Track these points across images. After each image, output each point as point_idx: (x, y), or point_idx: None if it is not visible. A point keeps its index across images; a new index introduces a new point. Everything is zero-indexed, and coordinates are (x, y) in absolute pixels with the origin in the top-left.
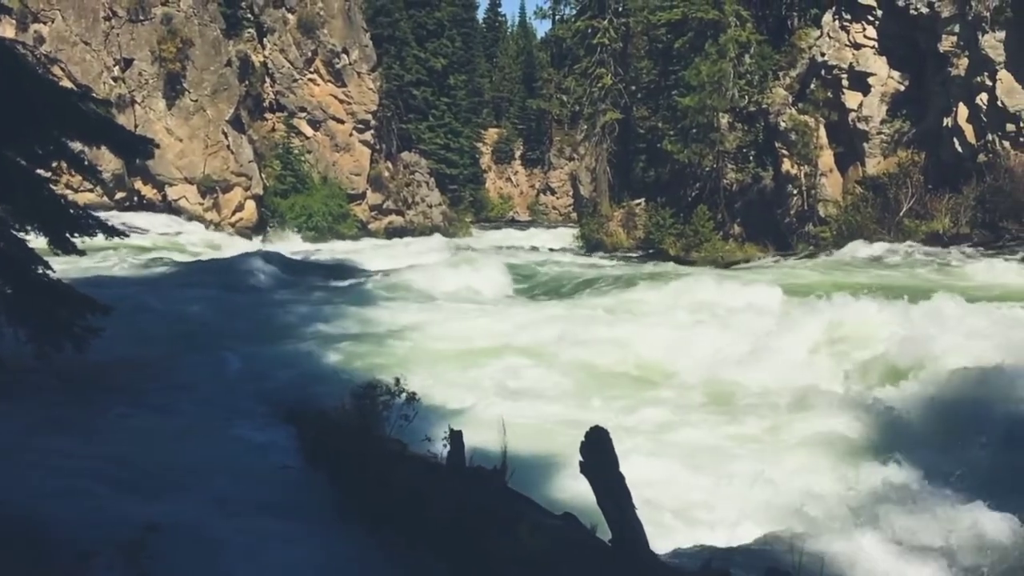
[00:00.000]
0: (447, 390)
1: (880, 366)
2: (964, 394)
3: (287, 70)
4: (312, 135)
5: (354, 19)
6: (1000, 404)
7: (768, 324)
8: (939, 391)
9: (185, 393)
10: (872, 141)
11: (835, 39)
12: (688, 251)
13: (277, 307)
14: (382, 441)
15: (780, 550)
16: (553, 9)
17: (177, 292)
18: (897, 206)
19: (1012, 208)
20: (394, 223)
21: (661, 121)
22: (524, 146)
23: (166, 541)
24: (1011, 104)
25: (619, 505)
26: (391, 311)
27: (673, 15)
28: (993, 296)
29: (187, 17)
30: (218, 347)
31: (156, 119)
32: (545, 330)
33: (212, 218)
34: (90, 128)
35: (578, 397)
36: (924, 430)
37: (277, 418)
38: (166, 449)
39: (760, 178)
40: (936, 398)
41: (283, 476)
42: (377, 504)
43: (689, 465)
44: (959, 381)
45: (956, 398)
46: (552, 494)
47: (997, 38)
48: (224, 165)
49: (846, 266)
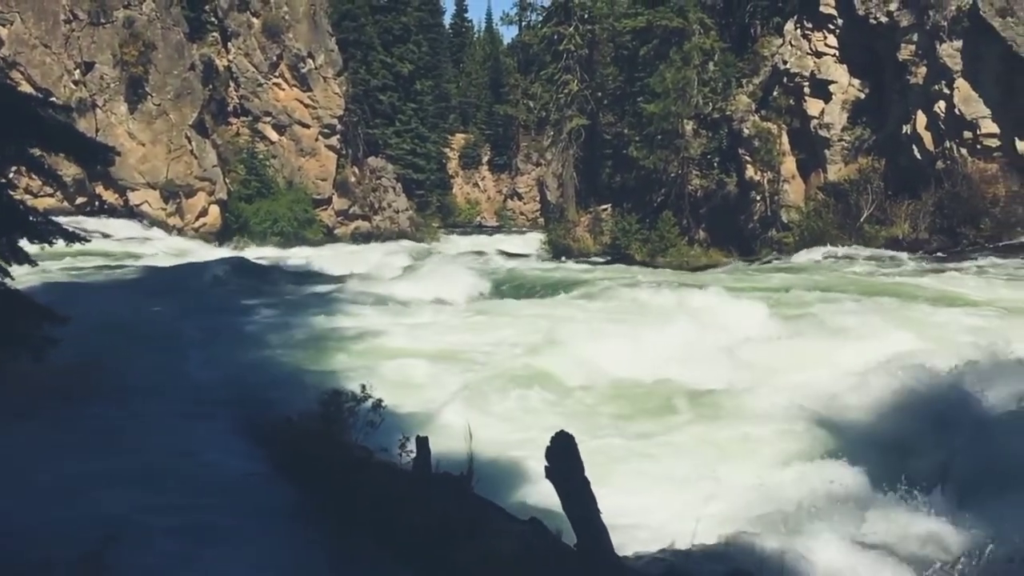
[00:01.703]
0: (413, 396)
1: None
2: (918, 395)
3: (251, 74)
4: (277, 140)
5: (320, 23)
6: (954, 405)
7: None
8: (892, 392)
9: (147, 401)
10: (833, 148)
11: (797, 47)
12: (654, 256)
13: (241, 313)
14: (348, 447)
15: (741, 551)
16: (520, 15)
17: (139, 299)
18: (858, 212)
19: (969, 214)
20: (361, 228)
21: (627, 127)
22: (491, 151)
23: (126, 551)
24: (968, 112)
25: (584, 510)
26: (357, 317)
27: (638, 22)
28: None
29: (149, 20)
30: (182, 355)
31: (118, 123)
32: (511, 334)
33: (175, 223)
34: (49, 135)
35: (546, 403)
36: (879, 431)
37: (242, 425)
38: (126, 457)
39: (724, 184)
40: (889, 399)
41: (248, 483)
42: (343, 510)
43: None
44: (911, 382)
45: (909, 399)
46: (518, 500)
47: (954, 47)
48: (187, 170)
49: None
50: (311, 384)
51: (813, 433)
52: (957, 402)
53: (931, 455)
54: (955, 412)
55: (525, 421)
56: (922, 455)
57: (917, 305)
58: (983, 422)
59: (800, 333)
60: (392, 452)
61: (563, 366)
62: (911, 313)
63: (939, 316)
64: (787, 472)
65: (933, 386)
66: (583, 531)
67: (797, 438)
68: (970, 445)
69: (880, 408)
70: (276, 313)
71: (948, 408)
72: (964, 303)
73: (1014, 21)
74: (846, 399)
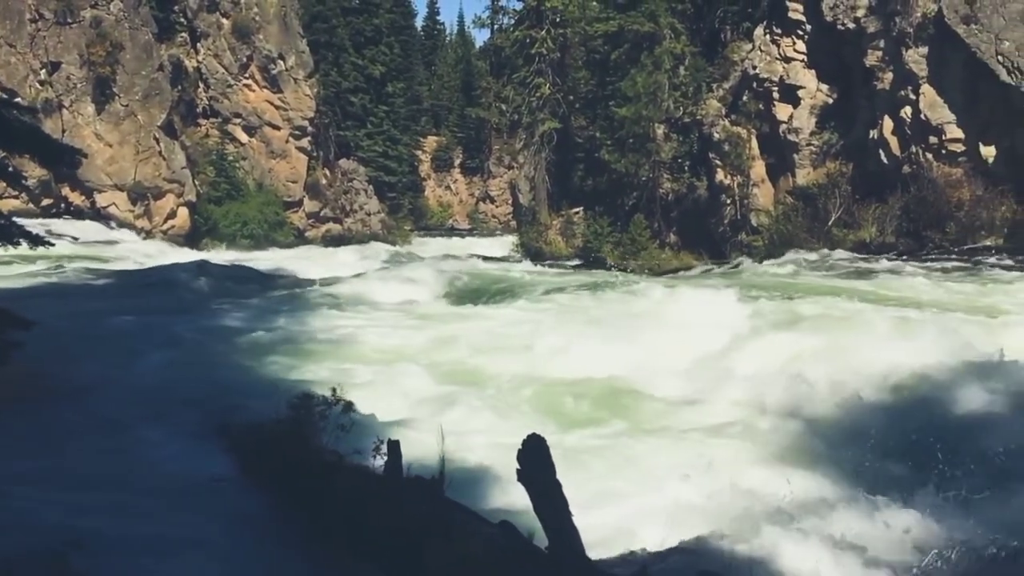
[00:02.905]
0: (384, 400)
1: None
2: (890, 396)
3: (221, 75)
4: (247, 141)
5: (290, 25)
6: (927, 406)
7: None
8: (865, 394)
9: (115, 406)
10: (802, 152)
11: (766, 52)
12: (626, 259)
13: (208, 317)
14: (319, 452)
15: (712, 552)
16: (492, 18)
17: (106, 302)
18: (826, 215)
19: (935, 218)
20: (332, 231)
21: (599, 131)
22: (463, 154)
23: (91, 557)
24: (933, 117)
25: (556, 512)
26: (327, 320)
27: (609, 27)
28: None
29: (117, 20)
30: (149, 359)
31: (85, 124)
32: (480, 338)
33: (143, 225)
34: (14, 137)
35: (517, 406)
36: (850, 432)
37: (210, 430)
38: (92, 461)
39: (695, 188)
40: (863, 400)
41: (217, 488)
42: (314, 515)
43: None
44: (882, 383)
45: (882, 400)
46: (490, 503)
47: (920, 53)
48: (156, 171)
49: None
50: (283, 388)
51: (780, 433)
52: (928, 401)
53: (902, 454)
54: (927, 411)
55: (496, 423)
56: (892, 454)
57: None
58: (954, 421)
59: (758, 332)
60: (363, 456)
61: (534, 368)
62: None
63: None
64: (756, 472)
65: (902, 385)
66: (555, 533)
67: (763, 438)
68: (942, 443)
69: (848, 407)
70: (243, 316)
71: (919, 407)
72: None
73: (978, 28)
74: (814, 398)
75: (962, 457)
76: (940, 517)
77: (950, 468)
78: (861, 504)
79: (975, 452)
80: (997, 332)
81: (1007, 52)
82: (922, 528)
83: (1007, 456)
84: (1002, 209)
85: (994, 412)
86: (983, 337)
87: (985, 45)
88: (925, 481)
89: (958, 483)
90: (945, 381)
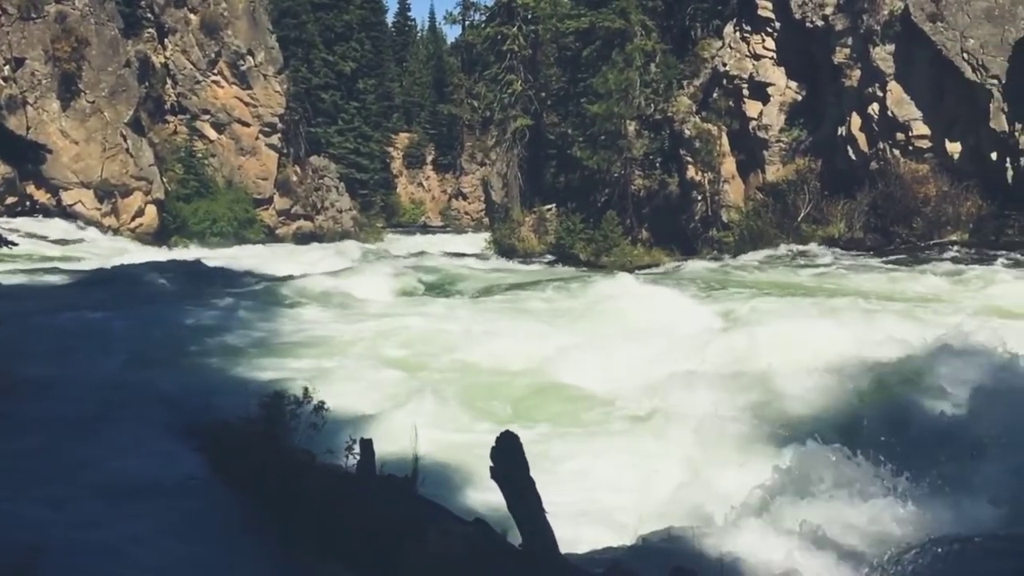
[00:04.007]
0: (357, 398)
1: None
2: (860, 387)
3: (189, 71)
4: (216, 138)
5: (259, 20)
6: (895, 397)
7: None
8: (834, 384)
9: (83, 406)
10: (772, 149)
11: (736, 50)
12: (598, 256)
13: (178, 316)
14: (290, 451)
15: (684, 547)
16: (463, 15)
17: (72, 301)
18: (796, 211)
19: (902, 213)
20: (303, 228)
21: (571, 128)
22: (435, 151)
23: (55, 562)
24: (900, 114)
25: (530, 509)
26: (297, 319)
27: (581, 24)
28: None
29: (83, 16)
30: (117, 359)
31: (50, 121)
32: (455, 336)
33: (110, 223)
34: None
35: (489, 403)
36: (821, 423)
37: (180, 430)
38: (59, 463)
39: (666, 184)
40: (830, 391)
41: (187, 488)
42: (286, 515)
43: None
44: (853, 373)
45: (852, 391)
46: (464, 501)
47: (887, 51)
48: (123, 169)
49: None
50: (253, 388)
51: (747, 425)
52: (897, 392)
53: (872, 445)
54: (896, 402)
55: (470, 422)
56: (862, 445)
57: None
58: (925, 411)
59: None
60: (336, 455)
61: (506, 367)
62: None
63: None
64: (726, 466)
65: (871, 375)
66: (528, 530)
67: (730, 431)
68: (910, 433)
69: (819, 398)
70: (211, 314)
71: (889, 398)
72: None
73: (943, 26)
74: (783, 390)
75: (928, 447)
76: (907, 509)
77: (916, 459)
78: (828, 496)
79: (940, 442)
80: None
81: (972, 50)
82: (889, 520)
83: (973, 447)
84: (967, 204)
85: (957, 403)
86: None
87: (950, 43)
88: (892, 473)
89: (925, 475)
90: (903, 372)
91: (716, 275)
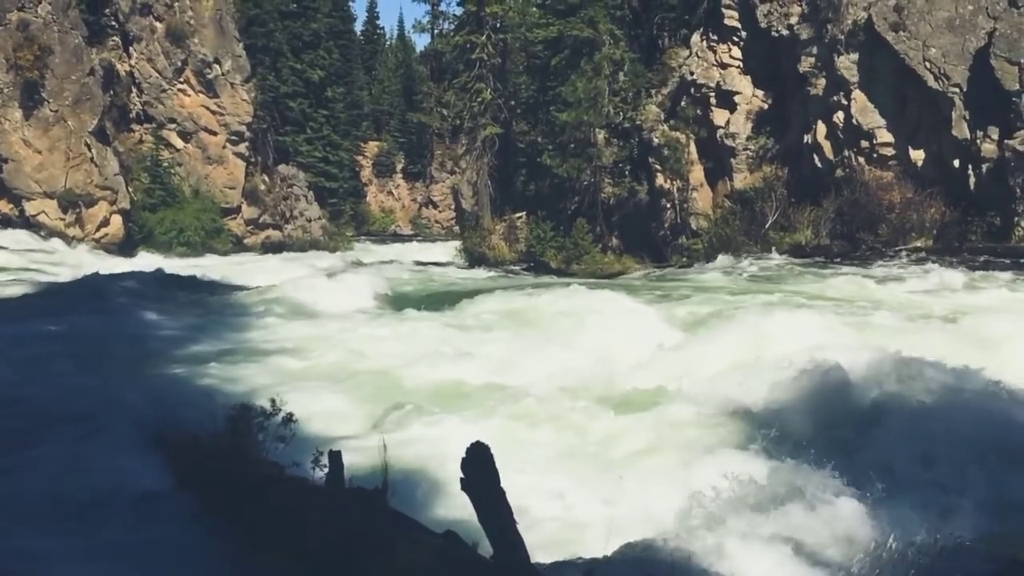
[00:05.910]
0: (325, 411)
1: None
2: (831, 390)
3: (155, 80)
4: (183, 147)
5: (226, 28)
6: (869, 398)
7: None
8: (805, 387)
9: (43, 419)
10: (739, 157)
11: (703, 59)
12: (569, 264)
13: (143, 327)
14: (258, 464)
15: (654, 555)
16: (432, 23)
17: (34, 314)
18: (763, 219)
19: (867, 220)
20: (272, 238)
21: (540, 136)
22: (405, 159)
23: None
24: (865, 122)
25: (500, 520)
26: (266, 329)
27: (549, 32)
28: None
29: (45, 23)
30: (80, 370)
31: (12, 130)
32: (426, 345)
33: (75, 234)
34: None
35: (460, 412)
36: (792, 428)
37: (144, 442)
38: (17, 479)
39: (636, 192)
40: (801, 395)
41: (150, 504)
42: (253, 529)
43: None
44: (821, 376)
45: (821, 394)
46: (435, 513)
47: (851, 60)
48: (87, 178)
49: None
50: (220, 400)
51: (719, 432)
52: (871, 397)
53: (848, 451)
54: (871, 407)
55: (441, 433)
56: (839, 451)
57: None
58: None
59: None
60: (304, 468)
61: (478, 375)
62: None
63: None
64: (699, 473)
65: (844, 380)
66: (499, 542)
67: (703, 437)
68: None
69: (793, 405)
70: (177, 324)
71: (864, 403)
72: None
73: (906, 35)
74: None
75: (895, 448)
76: (876, 510)
77: (883, 460)
78: (797, 500)
79: (907, 443)
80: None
81: (934, 59)
82: (857, 521)
83: (939, 448)
84: (931, 211)
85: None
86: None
87: (913, 52)
88: (858, 474)
89: (892, 476)
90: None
91: (656, 282)
